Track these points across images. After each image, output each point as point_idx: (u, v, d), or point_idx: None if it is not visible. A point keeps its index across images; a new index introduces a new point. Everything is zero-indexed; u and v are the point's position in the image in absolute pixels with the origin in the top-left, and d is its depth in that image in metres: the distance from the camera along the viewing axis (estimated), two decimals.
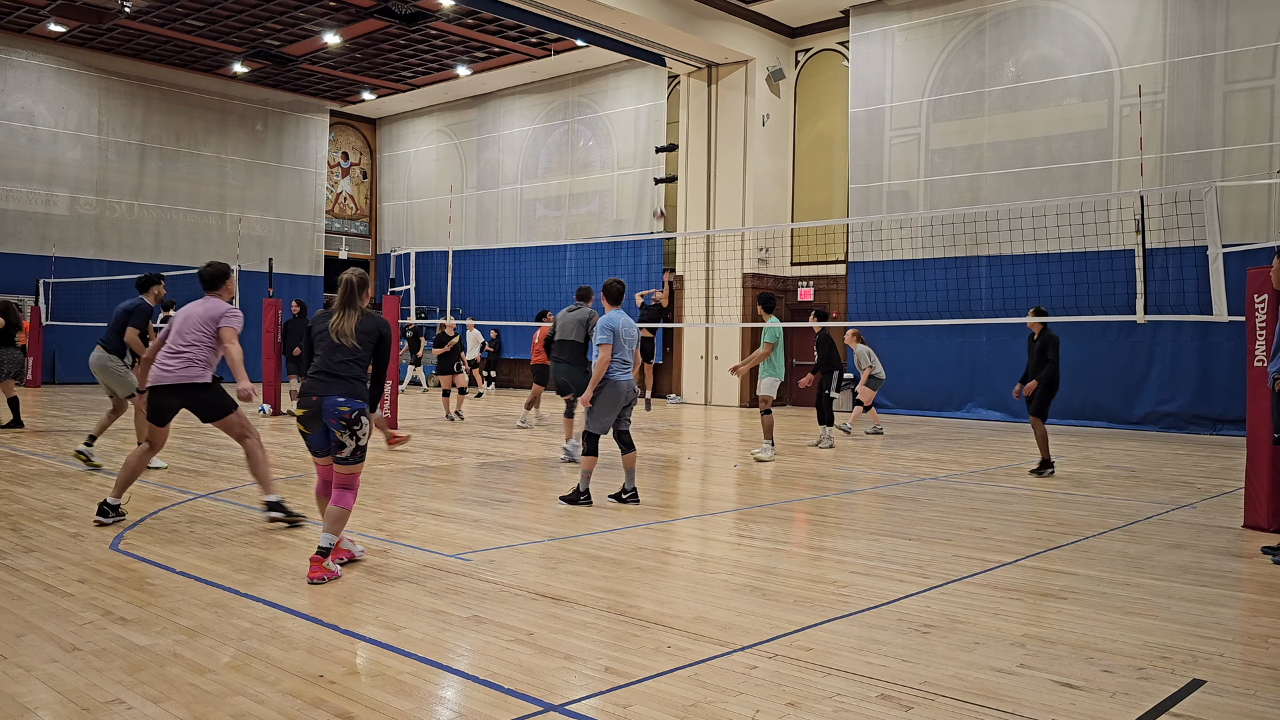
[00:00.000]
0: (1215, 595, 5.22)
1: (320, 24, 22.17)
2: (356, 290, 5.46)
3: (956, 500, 8.48)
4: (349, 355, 5.35)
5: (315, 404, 5.29)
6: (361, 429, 5.30)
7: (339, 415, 5.25)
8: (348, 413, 5.26)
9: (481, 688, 3.64)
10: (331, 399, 5.27)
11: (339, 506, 5.26)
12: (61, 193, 24.44)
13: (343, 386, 5.30)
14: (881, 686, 3.70)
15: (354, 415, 5.27)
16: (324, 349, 5.38)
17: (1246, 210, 15.55)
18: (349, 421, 5.26)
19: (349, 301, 5.45)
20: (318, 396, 5.29)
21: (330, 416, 5.27)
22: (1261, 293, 7.13)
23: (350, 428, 5.27)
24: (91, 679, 3.63)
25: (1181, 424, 16.13)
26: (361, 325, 5.39)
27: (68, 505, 7.28)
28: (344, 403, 5.27)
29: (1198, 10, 16.15)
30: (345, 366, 5.34)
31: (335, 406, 5.25)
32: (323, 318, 5.51)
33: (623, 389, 7.66)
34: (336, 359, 5.34)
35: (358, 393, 5.33)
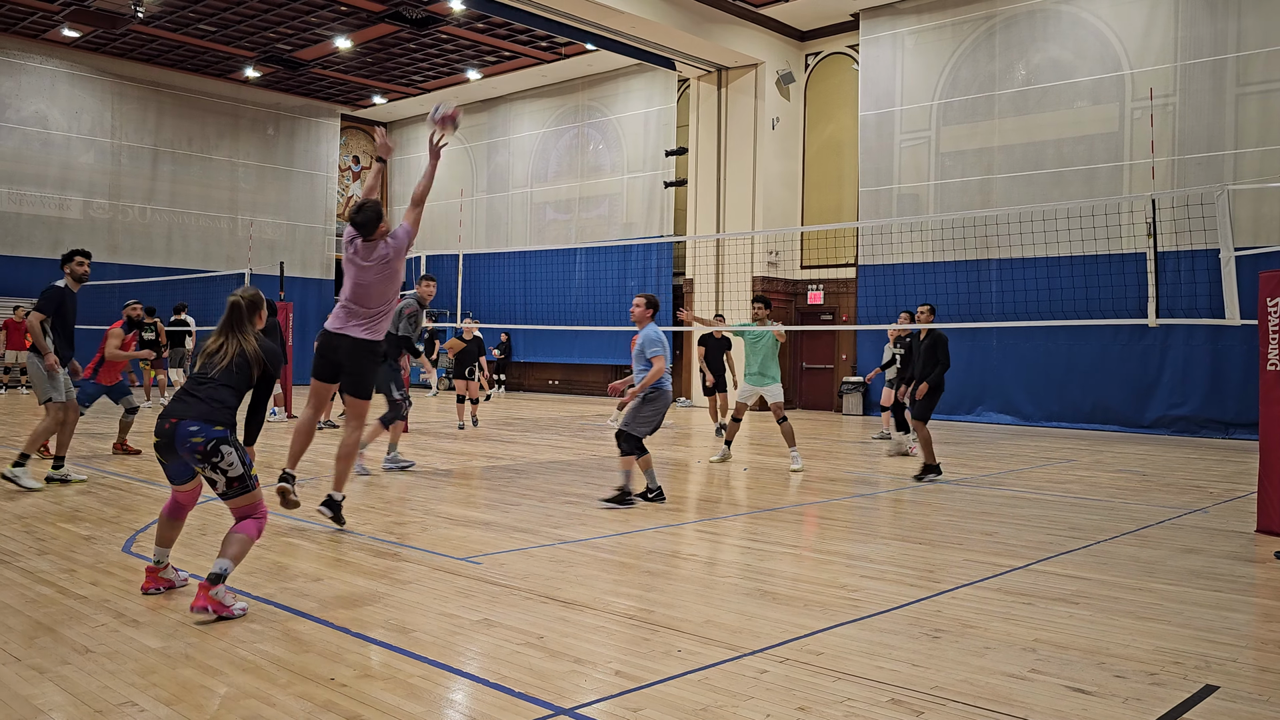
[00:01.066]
0: (1228, 600, 5.20)
1: (331, 29, 22.26)
2: (245, 314, 4.91)
3: (967, 504, 8.46)
4: (221, 379, 4.74)
5: (169, 431, 4.61)
6: (222, 459, 4.57)
7: (191, 447, 4.57)
8: (201, 444, 4.56)
9: (492, 691, 3.64)
10: (185, 424, 4.58)
11: (240, 532, 4.62)
12: (75, 197, 24.58)
13: (200, 408, 4.62)
14: (892, 691, 3.69)
15: (209, 446, 4.56)
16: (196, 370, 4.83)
17: (1259, 213, 15.49)
18: (204, 454, 4.56)
19: (233, 326, 4.87)
20: (173, 420, 4.61)
21: (184, 448, 4.59)
22: (1274, 296, 7.09)
23: (208, 460, 4.57)
24: (104, 681, 3.65)
25: (1194, 428, 16.05)
26: (243, 352, 4.81)
27: (80, 507, 7.32)
28: (197, 430, 4.57)
29: (1209, 13, 16.09)
30: (211, 389, 4.71)
31: (188, 436, 4.56)
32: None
33: (667, 397, 8.00)
34: (203, 381, 4.74)
35: (216, 417, 4.62)
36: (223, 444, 4.58)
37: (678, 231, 23.09)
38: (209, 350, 4.83)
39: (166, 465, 4.76)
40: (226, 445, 4.60)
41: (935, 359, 9.41)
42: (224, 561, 4.50)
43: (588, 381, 25.57)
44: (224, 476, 4.59)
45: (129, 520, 6.85)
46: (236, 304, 4.89)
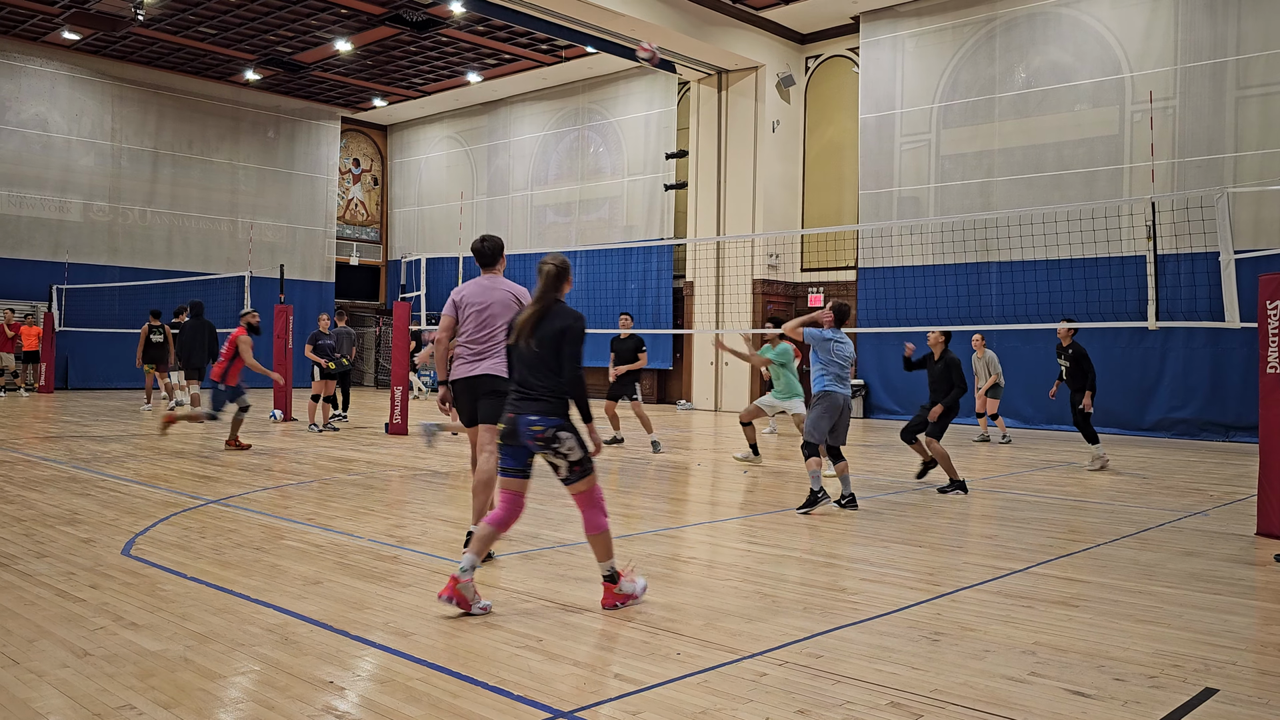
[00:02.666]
0: (1228, 603, 5.19)
1: (332, 31, 22.27)
2: (554, 281, 4.92)
3: (967, 507, 8.46)
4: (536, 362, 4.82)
5: (512, 420, 4.82)
6: (563, 445, 4.75)
7: (533, 435, 4.76)
8: (541, 431, 4.74)
9: (491, 694, 3.64)
10: (525, 418, 4.78)
11: (593, 532, 4.84)
12: (75, 199, 24.59)
13: (534, 405, 4.78)
14: (891, 694, 3.69)
15: (549, 433, 4.74)
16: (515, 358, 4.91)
17: (1259, 216, 15.49)
18: (546, 440, 4.74)
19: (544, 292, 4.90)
20: (513, 414, 4.81)
21: (526, 438, 4.79)
22: (1274, 299, 7.09)
23: (550, 446, 4.75)
24: (103, 684, 3.64)
25: (1194, 430, 16.04)
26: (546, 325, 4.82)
27: (80, 510, 7.32)
28: (536, 421, 4.76)
29: (1209, 16, 16.09)
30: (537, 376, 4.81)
31: (528, 426, 4.77)
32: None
33: (837, 400, 8.01)
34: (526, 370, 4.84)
35: (551, 410, 4.77)
36: (561, 430, 4.76)
37: (678, 234, 23.10)
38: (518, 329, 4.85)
39: (502, 448, 4.91)
40: (564, 431, 4.77)
41: (950, 381, 9.27)
42: (606, 564, 4.83)
43: (589, 384, 25.54)
44: (565, 461, 4.76)
45: (128, 523, 6.85)
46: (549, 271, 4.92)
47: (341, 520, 7.15)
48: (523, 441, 4.80)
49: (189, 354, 15.64)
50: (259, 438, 13.27)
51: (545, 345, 4.80)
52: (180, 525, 6.83)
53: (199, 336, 15.61)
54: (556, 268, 4.93)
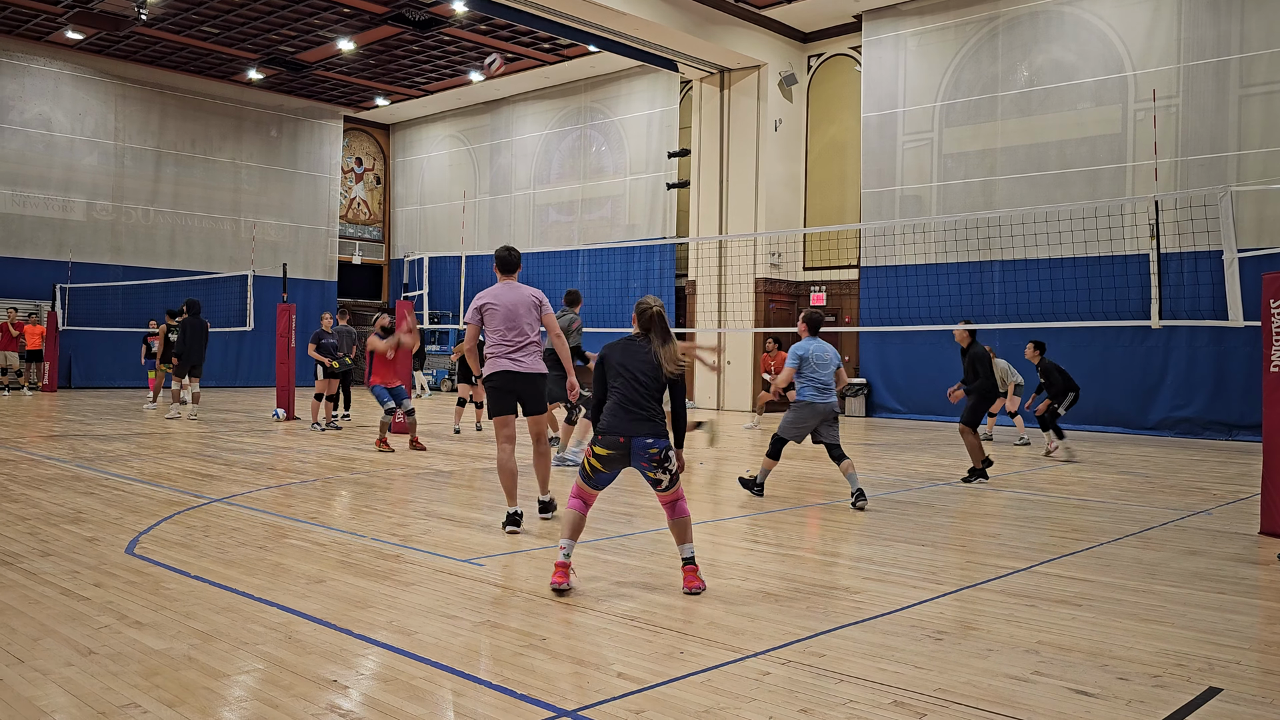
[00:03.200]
0: (1232, 602, 5.19)
1: (334, 31, 22.28)
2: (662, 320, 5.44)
3: (969, 506, 8.45)
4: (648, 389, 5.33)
5: (623, 445, 5.22)
6: (671, 463, 5.25)
7: (648, 456, 5.20)
8: (656, 453, 5.20)
9: (494, 693, 3.64)
10: (640, 440, 5.21)
11: (680, 517, 5.27)
12: (78, 199, 24.62)
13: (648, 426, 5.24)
14: (894, 693, 3.69)
15: (663, 454, 5.22)
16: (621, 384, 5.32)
17: (1263, 215, 15.47)
18: (659, 461, 5.21)
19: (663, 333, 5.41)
20: (625, 438, 5.22)
21: (640, 459, 5.23)
22: (1278, 298, 7.08)
23: (661, 465, 5.22)
24: (107, 682, 3.65)
25: (1197, 429, 16.03)
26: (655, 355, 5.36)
27: (84, 509, 7.33)
28: (652, 444, 5.21)
29: (1212, 14, 16.07)
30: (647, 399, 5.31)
31: (645, 448, 5.20)
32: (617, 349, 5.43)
33: (818, 409, 8.39)
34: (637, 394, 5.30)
35: (661, 431, 5.27)
36: (670, 451, 5.29)
37: (680, 233, 23.10)
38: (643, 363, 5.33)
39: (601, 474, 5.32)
40: (673, 450, 5.32)
41: (975, 373, 9.79)
42: (688, 546, 5.26)
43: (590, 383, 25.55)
44: (669, 475, 5.24)
45: (132, 522, 6.86)
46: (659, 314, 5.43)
47: (344, 519, 7.16)
48: (633, 460, 5.24)
49: (187, 353, 15.79)
50: (261, 437, 13.29)
51: (659, 373, 5.32)
52: (184, 524, 6.84)
53: (196, 336, 15.78)
54: (659, 309, 5.45)
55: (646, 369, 5.29)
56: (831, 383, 8.38)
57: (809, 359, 8.35)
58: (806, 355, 8.35)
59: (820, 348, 8.43)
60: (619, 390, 5.29)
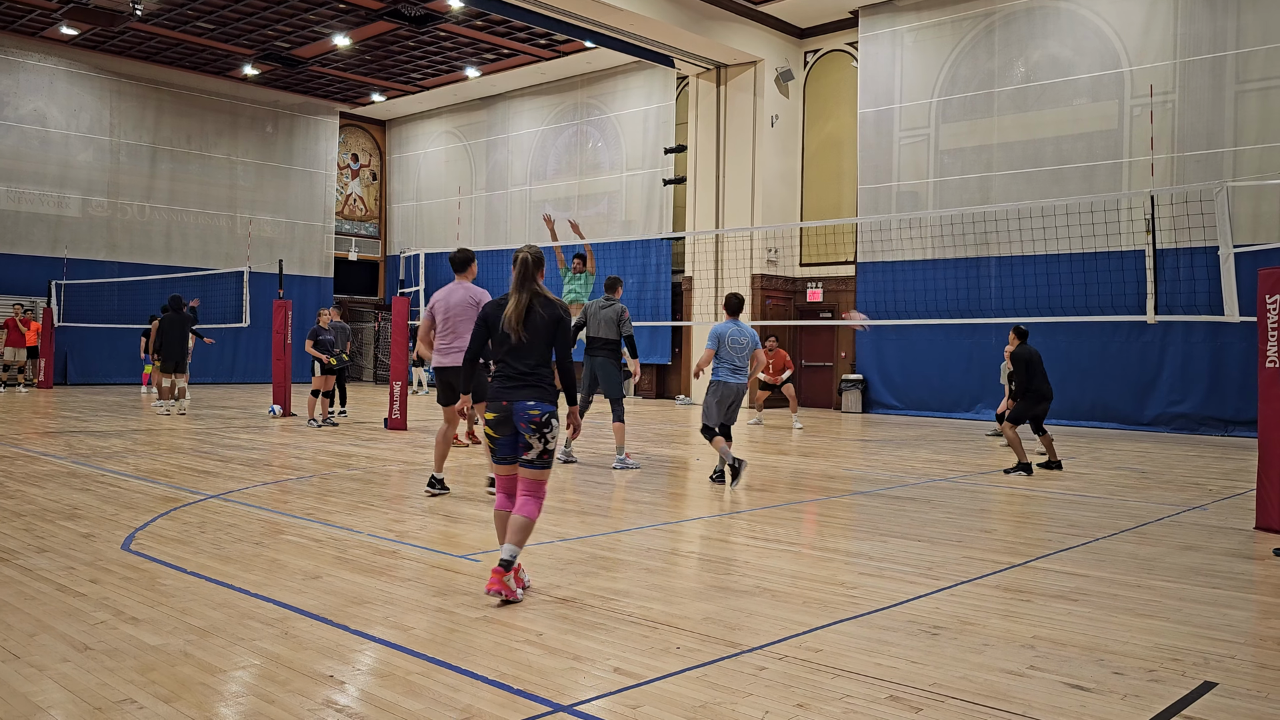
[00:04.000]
0: (1227, 597, 5.20)
1: (330, 26, 22.24)
2: (533, 269, 5.02)
3: (966, 501, 8.47)
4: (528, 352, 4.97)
5: (505, 409, 4.93)
6: (551, 431, 4.94)
7: (529, 419, 4.89)
8: (537, 415, 4.89)
9: (490, 688, 3.64)
10: (522, 403, 4.90)
11: (523, 515, 4.91)
12: (73, 195, 24.56)
13: (530, 391, 4.92)
14: (890, 688, 3.69)
15: (544, 418, 4.90)
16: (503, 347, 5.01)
17: (1259, 210, 15.48)
18: (539, 425, 4.89)
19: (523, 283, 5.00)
20: (508, 401, 4.92)
21: (520, 420, 4.91)
22: (1273, 293, 7.09)
23: (540, 431, 4.90)
24: (103, 678, 3.65)
25: (1193, 425, 16.05)
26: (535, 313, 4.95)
27: (80, 505, 7.32)
28: (534, 406, 4.89)
29: (1209, 9, 16.08)
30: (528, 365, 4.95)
31: (525, 410, 4.89)
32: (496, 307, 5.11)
33: (730, 388, 8.82)
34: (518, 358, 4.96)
35: (546, 396, 4.94)
36: (554, 418, 4.97)
37: (677, 229, 23.09)
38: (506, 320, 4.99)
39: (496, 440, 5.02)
40: (556, 419, 4.99)
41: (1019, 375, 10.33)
42: (512, 548, 4.81)
43: None
44: (542, 446, 4.93)
45: (128, 518, 6.85)
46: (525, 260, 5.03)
47: (341, 515, 7.16)
48: (515, 425, 4.95)
49: (167, 349, 15.86)
50: (258, 433, 13.28)
51: (536, 334, 4.97)
52: (180, 520, 6.83)
53: (177, 331, 15.85)
54: (533, 256, 5.02)
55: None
56: (744, 364, 8.81)
57: (725, 340, 8.76)
58: (723, 336, 8.77)
59: (738, 330, 8.83)
60: (500, 352, 5.01)
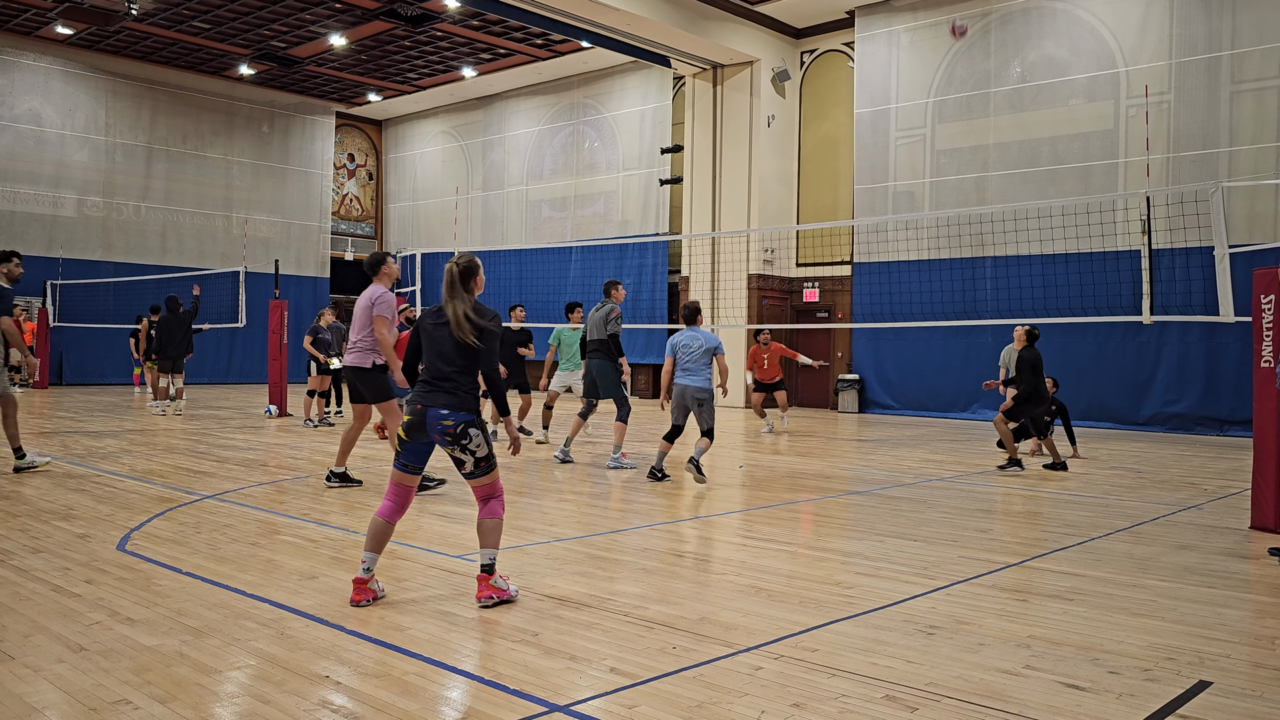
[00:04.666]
0: (1222, 597, 5.21)
1: (326, 26, 22.21)
2: (460, 279, 4.87)
3: (962, 501, 8.47)
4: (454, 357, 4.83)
5: (419, 412, 4.78)
6: (470, 441, 4.73)
7: (442, 430, 4.72)
8: (451, 426, 4.71)
9: (487, 688, 3.64)
10: (434, 410, 4.74)
11: (489, 518, 4.79)
12: (69, 194, 24.51)
13: (445, 397, 4.74)
14: (886, 687, 3.70)
15: (459, 428, 4.72)
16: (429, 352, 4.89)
17: (1254, 211, 15.51)
18: (454, 436, 4.72)
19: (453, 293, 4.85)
20: (422, 405, 4.77)
21: (434, 431, 4.75)
22: (1268, 293, 7.11)
23: (457, 441, 4.73)
24: (98, 679, 3.64)
25: (1188, 425, 16.08)
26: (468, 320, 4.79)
27: (74, 505, 7.31)
28: (447, 415, 4.72)
29: (1204, 10, 16.10)
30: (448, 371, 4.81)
31: (439, 419, 4.73)
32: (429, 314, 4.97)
33: (687, 391, 9.08)
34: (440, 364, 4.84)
35: (463, 404, 4.74)
36: (471, 427, 4.76)
37: (673, 229, 23.09)
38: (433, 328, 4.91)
39: (406, 444, 4.87)
40: (474, 428, 4.77)
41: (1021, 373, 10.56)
42: (489, 551, 4.80)
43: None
44: (472, 457, 4.77)
45: (124, 519, 6.84)
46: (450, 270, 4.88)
47: (337, 515, 7.16)
48: (430, 435, 4.77)
49: (163, 350, 15.81)
50: (254, 433, 13.26)
51: (462, 343, 4.77)
52: (175, 520, 6.82)
53: (171, 332, 15.78)
54: (460, 267, 4.88)
55: (443, 336, 4.81)
56: (696, 367, 9.01)
57: (677, 347, 9.15)
58: (675, 344, 9.18)
59: (689, 337, 9.10)
60: (425, 358, 4.91)
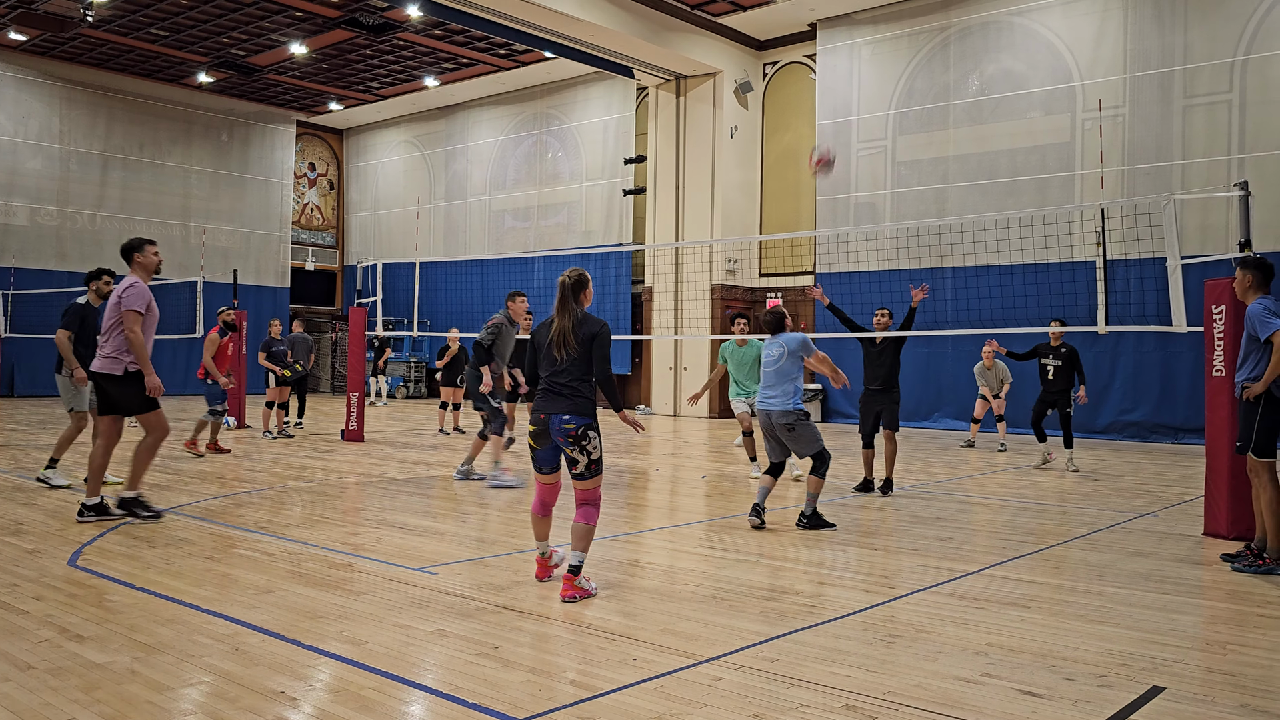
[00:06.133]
0: (1176, 603, 5.29)
1: (286, 34, 22.04)
2: (570, 292, 5.31)
3: (922, 510, 8.53)
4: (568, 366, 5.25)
5: (543, 421, 5.23)
6: (590, 443, 5.18)
7: (565, 433, 5.17)
8: (573, 429, 5.15)
9: (446, 702, 3.61)
10: (556, 416, 5.19)
11: (584, 522, 5.23)
12: (21, 203, 24.08)
13: (564, 402, 5.19)
14: (846, 697, 3.71)
15: (580, 430, 5.16)
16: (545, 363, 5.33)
17: (1205, 223, 15.81)
18: (575, 438, 5.16)
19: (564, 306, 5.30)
20: (545, 414, 5.22)
21: (557, 435, 5.20)
22: (1219, 304, 7.23)
23: (578, 443, 5.17)
24: (46, 698, 3.56)
25: (1144, 433, 16.33)
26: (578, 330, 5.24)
27: (24, 520, 7.16)
28: (569, 419, 5.17)
29: (1157, 26, 16.43)
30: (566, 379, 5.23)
31: (561, 424, 5.18)
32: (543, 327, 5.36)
33: (768, 419, 7.43)
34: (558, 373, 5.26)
35: (580, 408, 5.19)
36: (590, 429, 5.19)
37: (636, 239, 23.12)
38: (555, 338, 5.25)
39: (536, 451, 5.34)
40: (594, 430, 5.21)
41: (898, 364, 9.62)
42: (579, 554, 5.15)
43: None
44: (587, 458, 5.18)
45: (75, 533, 6.71)
46: (563, 284, 5.31)
47: (295, 528, 7.07)
48: (554, 439, 5.22)
49: None
50: None
51: (577, 350, 5.21)
52: (129, 535, 6.70)
53: None
54: (572, 280, 5.32)
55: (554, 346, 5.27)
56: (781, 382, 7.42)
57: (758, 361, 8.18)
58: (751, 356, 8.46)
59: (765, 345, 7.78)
60: (542, 369, 5.35)
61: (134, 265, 7.41)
